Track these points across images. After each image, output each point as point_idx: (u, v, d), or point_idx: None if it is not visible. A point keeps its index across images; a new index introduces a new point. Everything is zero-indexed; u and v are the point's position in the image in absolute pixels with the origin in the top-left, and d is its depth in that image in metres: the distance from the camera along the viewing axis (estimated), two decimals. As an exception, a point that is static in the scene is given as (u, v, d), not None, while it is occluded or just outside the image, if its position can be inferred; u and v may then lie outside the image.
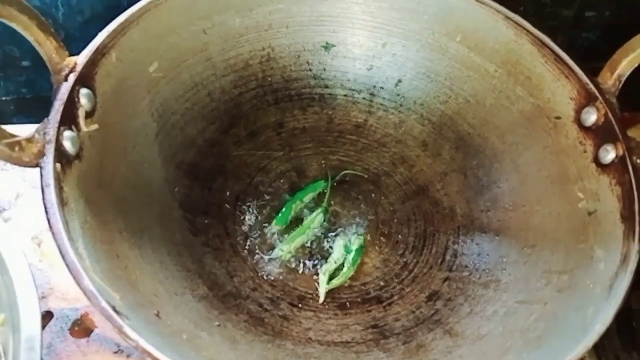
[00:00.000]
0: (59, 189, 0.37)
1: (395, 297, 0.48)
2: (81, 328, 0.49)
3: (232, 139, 0.55)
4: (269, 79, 0.56)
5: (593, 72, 0.48)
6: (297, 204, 0.52)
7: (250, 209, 0.52)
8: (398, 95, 0.57)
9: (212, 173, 0.52)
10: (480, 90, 0.54)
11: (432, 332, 0.45)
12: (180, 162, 0.51)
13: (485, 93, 0.53)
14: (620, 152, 0.44)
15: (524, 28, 0.50)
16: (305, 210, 0.53)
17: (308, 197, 0.53)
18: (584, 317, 0.38)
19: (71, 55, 0.43)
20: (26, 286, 0.42)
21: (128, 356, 0.47)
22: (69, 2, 0.61)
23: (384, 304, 0.48)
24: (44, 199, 0.36)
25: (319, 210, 0.52)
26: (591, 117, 0.46)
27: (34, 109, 0.70)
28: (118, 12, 0.47)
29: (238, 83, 0.55)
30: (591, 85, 0.46)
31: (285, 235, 0.50)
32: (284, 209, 0.51)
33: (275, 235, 0.51)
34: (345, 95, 0.58)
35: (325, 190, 0.54)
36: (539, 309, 0.42)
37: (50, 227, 0.35)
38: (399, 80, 0.57)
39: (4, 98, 0.70)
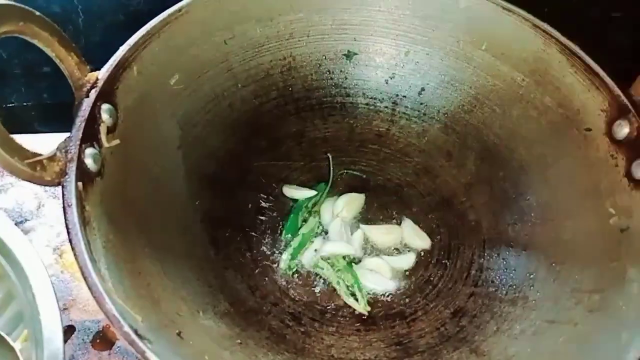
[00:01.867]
0: (81, 209, 0.36)
1: (420, 313, 0.47)
2: (103, 340, 0.49)
3: (253, 150, 0.54)
4: (290, 89, 0.55)
5: (620, 75, 0.47)
6: (303, 211, 0.52)
7: (271, 221, 0.52)
8: (421, 104, 0.56)
9: (233, 185, 0.52)
10: (506, 99, 0.52)
11: (458, 350, 0.44)
12: (202, 175, 0.50)
13: (512, 103, 0.52)
14: (654, 168, 0.42)
15: (553, 37, 0.49)
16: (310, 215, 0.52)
17: (313, 201, 0.53)
18: (617, 342, 0.37)
19: (91, 65, 0.42)
20: (48, 302, 0.42)
21: (150, 370, 0.47)
22: (90, 9, 0.61)
23: (408, 319, 0.47)
24: (66, 219, 0.36)
25: (312, 216, 0.52)
26: (623, 130, 0.44)
27: (56, 115, 0.70)
28: (138, 19, 0.46)
29: (259, 93, 0.54)
30: (623, 98, 0.45)
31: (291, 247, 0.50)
32: (290, 218, 0.51)
33: (288, 247, 0.50)
34: (367, 104, 0.57)
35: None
36: (569, 330, 0.41)
37: (73, 248, 0.35)
38: (422, 89, 0.56)
39: (25, 104, 0.70)
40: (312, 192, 0.53)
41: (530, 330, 0.43)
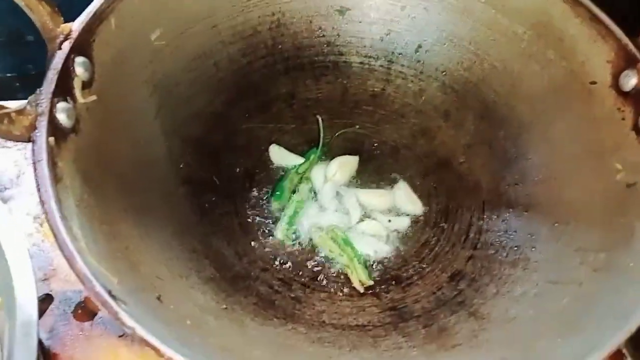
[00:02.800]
0: (52, 164, 0.34)
1: (415, 277, 0.45)
2: (85, 311, 0.47)
3: (241, 112, 0.52)
4: (280, 47, 0.53)
5: (630, 33, 0.44)
6: (293, 177, 0.50)
7: (260, 186, 0.49)
8: (418, 61, 0.53)
9: (220, 148, 0.50)
10: (507, 54, 0.50)
11: (456, 314, 0.42)
12: (186, 137, 0.48)
13: (513, 58, 0.49)
14: (664, 119, 0.40)
15: (556, -16, 0.46)
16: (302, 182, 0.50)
17: (303, 167, 0.50)
18: (624, 300, 0.35)
19: (67, 22, 0.40)
20: (23, 270, 0.39)
21: (133, 340, 0.45)
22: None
23: (403, 284, 0.45)
24: (35, 175, 0.33)
25: (303, 182, 0.50)
26: (631, 80, 0.42)
27: (40, 84, 0.67)
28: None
29: (246, 51, 0.52)
30: (631, 46, 0.42)
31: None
32: (279, 185, 0.49)
33: (278, 213, 0.48)
34: (361, 63, 0.54)
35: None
36: (573, 290, 0.39)
37: (42, 204, 0.33)
38: (419, 46, 0.53)
39: (9, 75, 0.68)
40: (300, 159, 0.51)
41: (532, 292, 0.41)
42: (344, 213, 0.48)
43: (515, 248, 0.45)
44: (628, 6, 0.62)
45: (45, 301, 0.46)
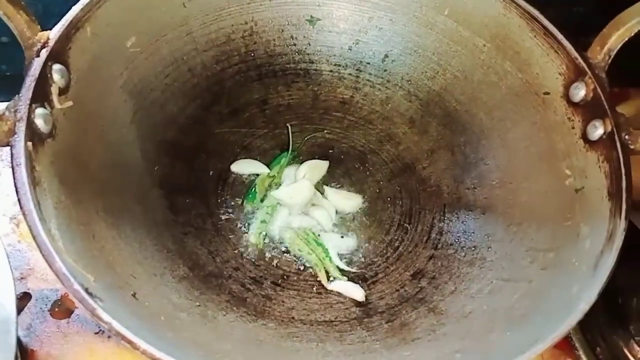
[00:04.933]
0: (31, 168, 0.36)
1: (380, 276, 0.48)
2: (61, 309, 0.48)
3: (215, 116, 0.53)
4: (252, 54, 0.55)
5: (584, 48, 0.47)
6: (264, 180, 0.52)
7: (233, 188, 0.51)
8: (385, 70, 0.56)
9: (194, 151, 0.51)
10: (468, 65, 0.52)
11: (416, 310, 0.45)
12: (161, 141, 0.50)
13: (474, 68, 0.52)
14: (609, 128, 0.43)
15: (513, 1, 0.49)
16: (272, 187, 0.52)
17: (274, 170, 0.52)
18: (568, 296, 0.38)
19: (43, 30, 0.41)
20: (0, 269, 0.41)
21: (109, 337, 0.47)
22: (47, -25, 0.59)
23: (369, 282, 0.47)
24: (14, 178, 0.35)
25: (274, 186, 0.52)
26: (580, 92, 0.45)
27: (15, 86, 0.68)
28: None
29: (220, 58, 0.53)
30: (580, 60, 0.45)
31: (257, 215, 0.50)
32: (253, 188, 0.51)
33: (251, 214, 0.50)
34: (330, 71, 0.57)
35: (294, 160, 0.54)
36: (523, 287, 0.42)
37: (21, 207, 0.34)
38: (386, 56, 0.55)
39: (-17, 76, 0.68)
40: (264, 168, 0.52)
41: (486, 289, 0.44)
42: (312, 215, 0.51)
43: (473, 248, 0.48)
44: (580, 20, 0.65)
45: (23, 299, 0.47)
